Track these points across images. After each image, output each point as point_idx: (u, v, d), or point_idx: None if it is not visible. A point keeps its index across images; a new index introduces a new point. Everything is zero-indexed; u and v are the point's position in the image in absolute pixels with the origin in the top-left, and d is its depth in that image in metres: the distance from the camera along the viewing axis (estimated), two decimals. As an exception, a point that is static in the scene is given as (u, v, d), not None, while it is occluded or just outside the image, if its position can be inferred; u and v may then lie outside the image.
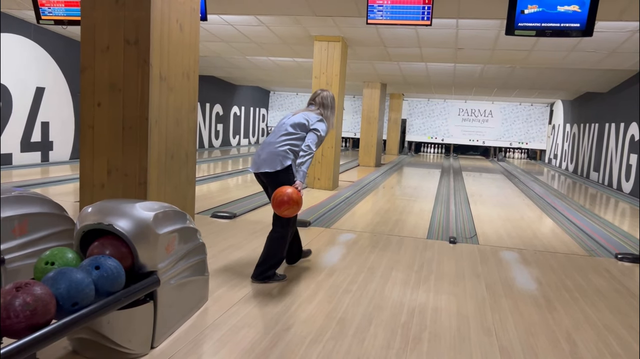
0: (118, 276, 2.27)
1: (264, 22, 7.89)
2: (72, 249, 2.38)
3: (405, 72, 12.23)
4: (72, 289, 2.02)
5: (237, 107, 19.42)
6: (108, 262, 2.26)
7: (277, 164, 3.59)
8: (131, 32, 3.21)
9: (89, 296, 2.09)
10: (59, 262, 2.28)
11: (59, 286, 2.00)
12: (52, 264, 2.25)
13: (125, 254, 2.45)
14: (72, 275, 2.06)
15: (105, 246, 2.43)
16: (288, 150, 3.62)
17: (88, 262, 2.24)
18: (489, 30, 7.30)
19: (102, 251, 2.40)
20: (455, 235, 5.58)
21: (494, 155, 20.90)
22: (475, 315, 3.28)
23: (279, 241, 3.69)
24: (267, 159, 3.64)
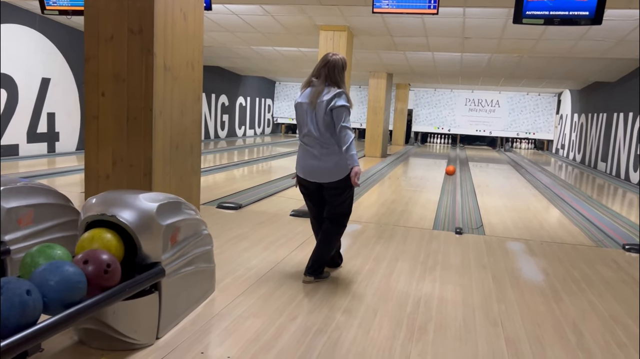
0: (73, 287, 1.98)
1: (269, 12, 7.84)
2: (59, 246, 2.30)
3: (412, 62, 12.14)
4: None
5: (243, 97, 19.38)
6: (70, 278, 1.97)
7: (343, 171, 3.34)
8: (135, 21, 3.19)
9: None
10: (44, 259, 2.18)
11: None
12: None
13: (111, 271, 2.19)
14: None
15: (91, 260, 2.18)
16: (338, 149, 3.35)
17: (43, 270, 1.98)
18: (496, 19, 7.22)
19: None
20: (462, 226, 5.55)
21: (501, 145, 20.78)
22: (481, 306, 3.27)
23: (339, 235, 3.60)
24: (330, 168, 3.36)
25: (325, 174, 3.38)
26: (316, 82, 3.39)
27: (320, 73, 3.37)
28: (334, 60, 3.36)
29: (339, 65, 3.36)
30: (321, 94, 3.33)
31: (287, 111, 22.54)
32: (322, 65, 3.37)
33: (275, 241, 4.56)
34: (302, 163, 3.51)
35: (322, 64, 3.38)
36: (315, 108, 3.34)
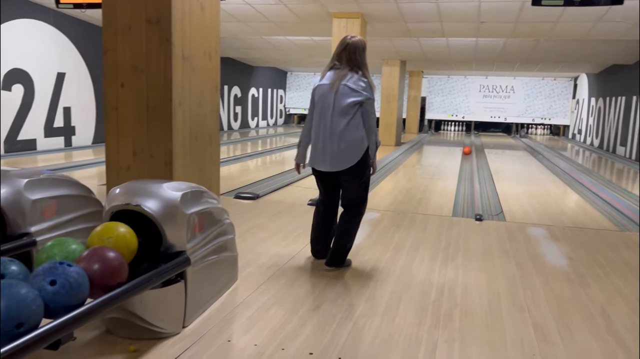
0: (79, 290, 1.86)
1: (281, 1, 7.79)
2: (75, 240, 2.28)
3: (426, 49, 12.02)
4: (12, 308, 1.60)
5: (255, 88, 19.37)
6: (67, 272, 1.84)
7: (358, 154, 3.27)
8: (152, 11, 3.17)
9: (35, 313, 1.69)
10: (60, 254, 2.15)
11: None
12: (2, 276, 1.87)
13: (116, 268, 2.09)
14: (16, 290, 1.66)
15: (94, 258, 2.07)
16: (364, 134, 3.28)
17: (43, 273, 1.83)
18: (512, 1, 7.09)
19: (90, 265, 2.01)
20: (481, 212, 5.50)
21: (516, 131, 20.56)
22: (506, 292, 3.23)
23: (357, 224, 3.53)
24: (343, 153, 3.26)
25: (339, 161, 3.30)
26: (339, 65, 3.29)
27: (341, 57, 3.27)
28: (354, 42, 3.25)
29: (360, 47, 3.26)
30: (344, 78, 3.24)
31: (299, 101, 22.48)
32: (342, 49, 3.26)
33: (294, 231, 4.55)
34: (315, 150, 3.40)
35: (341, 47, 3.28)
36: (337, 91, 3.24)
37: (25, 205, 2.69)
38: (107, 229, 2.27)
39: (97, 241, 2.22)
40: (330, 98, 3.26)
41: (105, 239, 2.21)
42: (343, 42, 3.28)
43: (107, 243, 2.21)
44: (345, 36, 3.35)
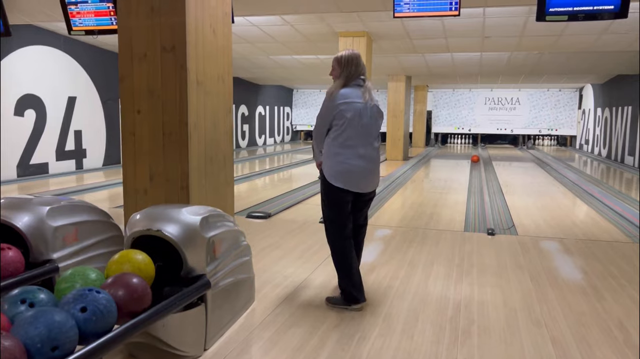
0: (108, 316, 1.90)
1: (288, 22, 7.91)
2: (94, 269, 2.29)
3: (431, 64, 12.11)
4: (52, 333, 1.66)
5: (262, 107, 19.53)
6: (96, 299, 1.88)
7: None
8: (167, 38, 3.25)
9: (72, 339, 1.73)
10: (81, 282, 2.17)
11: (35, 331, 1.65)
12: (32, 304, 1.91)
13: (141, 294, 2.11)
14: (51, 317, 1.71)
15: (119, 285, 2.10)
16: None
17: (73, 299, 1.86)
18: (516, 17, 7.17)
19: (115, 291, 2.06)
20: (493, 226, 5.51)
21: (523, 143, 20.55)
22: (523, 307, 3.24)
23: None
24: (377, 171, 3.29)
25: (376, 180, 3.26)
26: (363, 81, 3.17)
27: (364, 71, 3.17)
28: (359, 56, 3.18)
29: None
30: (373, 97, 3.21)
31: (305, 118, 22.63)
32: (359, 63, 3.14)
33: (308, 249, 4.59)
34: (357, 172, 3.11)
35: (358, 60, 3.14)
36: (371, 111, 3.16)
37: (48, 232, 2.74)
38: (124, 257, 2.31)
39: (115, 268, 2.27)
40: (366, 117, 3.13)
41: (123, 265, 2.26)
42: (358, 56, 3.16)
43: (124, 270, 2.25)
44: (352, 52, 3.16)
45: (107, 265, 2.31)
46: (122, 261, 2.31)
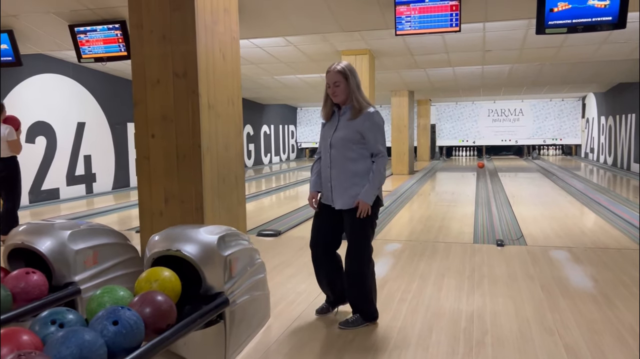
0: (137, 331, 1.97)
1: (292, 42, 8.06)
2: (122, 287, 2.37)
3: (433, 78, 12.24)
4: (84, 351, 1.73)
5: (267, 126, 19.70)
6: (127, 315, 1.96)
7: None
8: (179, 65, 3.37)
9: (102, 358, 1.80)
10: (109, 300, 2.25)
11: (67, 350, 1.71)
12: (61, 325, 1.98)
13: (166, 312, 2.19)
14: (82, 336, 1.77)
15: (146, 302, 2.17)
16: None
17: (106, 314, 1.95)
18: (516, 30, 7.29)
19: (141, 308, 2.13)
20: (502, 237, 5.55)
21: (528, 153, 20.60)
22: (535, 316, 3.28)
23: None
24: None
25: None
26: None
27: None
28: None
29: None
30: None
31: (310, 136, 22.80)
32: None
33: (319, 265, 4.63)
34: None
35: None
36: None
37: (69, 256, 2.83)
38: (153, 274, 2.39)
39: (144, 286, 2.34)
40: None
41: (151, 283, 2.34)
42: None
43: (153, 287, 2.33)
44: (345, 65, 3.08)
45: (136, 283, 2.39)
46: (150, 279, 2.39)
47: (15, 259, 2.90)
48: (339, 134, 3.06)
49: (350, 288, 3.17)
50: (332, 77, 3.02)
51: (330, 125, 3.16)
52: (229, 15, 3.77)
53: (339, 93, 3.03)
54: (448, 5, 5.48)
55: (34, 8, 6.30)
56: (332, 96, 3.06)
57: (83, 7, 6.21)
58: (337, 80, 3.00)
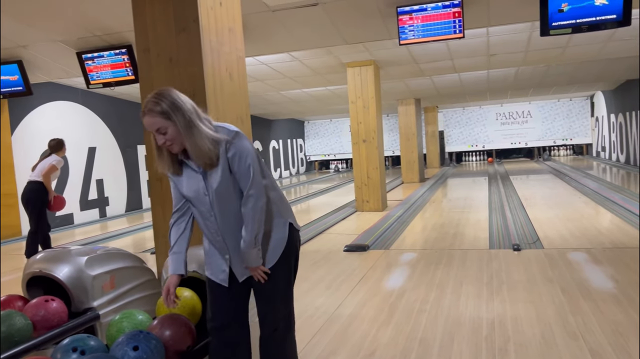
0: (158, 355, 1.96)
1: (296, 57, 8.11)
2: (141, 311, 2.39)
3: (439, 85, 12.24)
4: None
5: (275, 141, 19.78)
6: (147, 340, 1.95)
7: None
8: (187, 86, 3.39)
9: None
10: (129, 325, 2.26)
11: None
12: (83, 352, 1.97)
13: (185, 334, 2.20)
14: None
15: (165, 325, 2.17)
16: None
17: (126, 340, 1.94)
18: (520, 33, 7.28)
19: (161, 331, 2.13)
20: (518, 242, 5.50)
21: (539, 155, 20.46)
22: (557, 320, 3.24)
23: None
24: None
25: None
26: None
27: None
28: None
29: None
30: None
31: (318, 148, 22.86)
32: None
33: (335, 279, 4.62)
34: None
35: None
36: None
37: (87, 281, 2.84)
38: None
39: (165, 308, 2.35)
40: None
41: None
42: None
43: (175, 309, 2.33)
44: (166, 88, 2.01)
45: (157, 305, 2.40)
46: None
47: (34, 287, 2.92)
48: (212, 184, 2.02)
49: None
50: (149, 122, 1.93)
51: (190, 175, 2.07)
52: (234, 35, 3.80)
53: (172, 142, 1.95)
54: (450, 12, 5.50)
55: (42, 37, 6.40)
56: (167, 147, 1.99)
57: (90, 34, 6.31)
58: (159, 127, 1.92)
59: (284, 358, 2.23)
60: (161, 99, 1.92)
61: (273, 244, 2.12)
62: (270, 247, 2.11)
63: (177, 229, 2.20)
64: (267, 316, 2.15)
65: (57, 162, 6.10)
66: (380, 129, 9.04)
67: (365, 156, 8.86)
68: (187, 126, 1.91)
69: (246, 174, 1.98)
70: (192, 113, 1.94)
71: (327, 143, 22.80)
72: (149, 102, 1.93)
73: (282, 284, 2.15)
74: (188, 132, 1.92)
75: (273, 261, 2.11)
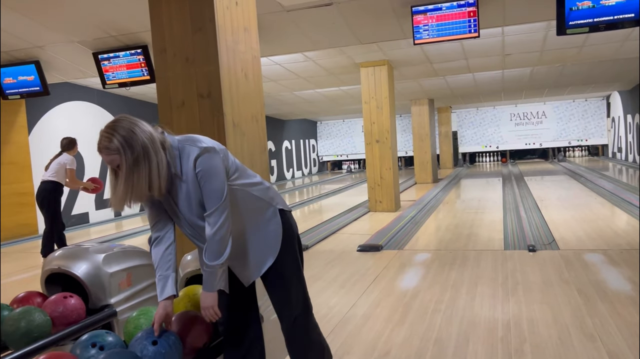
0: (176, 351, 1.96)
1: (310, 57, 8.12)
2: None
3: (452, 85, 12.18)
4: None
5: (288, 141, 19.82)
6: (165, 335, 1.96)
7: None
8: (203, 86, 3.42)
9: None
10: (146, 322, 2.25)
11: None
12: (102, 348, 2.00)
13: (202, 331, 2.18)
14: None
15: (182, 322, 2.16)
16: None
17: (145, 335, 1.95)
18: (536, 32, 7.22)
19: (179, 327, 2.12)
20: (533, 243, 5.45)
21: (553, 156, 20.27)
22: (574, 322, 3.21)
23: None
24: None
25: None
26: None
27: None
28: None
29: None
30: None
31: (331, 149, 22.87)
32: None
33: (349, 279, 4.62)
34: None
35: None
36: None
37: (105, 279, 2.87)
38: (188, 293, 2.42)
39: (180, 305, 2.37)
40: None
41: (187, 302, 2.36)
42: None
43: (188, 306, 2.35)
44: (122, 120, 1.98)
45: (174, 304, 2.41)
46: (186, 298, 2.42)
47: (52, 284, 2.96)
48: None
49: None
50: (107, 161, 1.91)
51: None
52: (249, 34, 3.82)
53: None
54: (466, 12, 5.47)
55: (59, 38, 6.48)
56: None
57: (106, 34, 6.37)
58: (113, 161, 1.88)
59: (311, 344, 2.22)
60: (115, 134, 1.86)
61: (271, 236, 2.10)
62: (270, 240, 2.10)
63: (156, 252, 2.02)
64: (284, 308, 2.14)
65: (71, 163, 6.17)
66: (393, 129, 9.02)
67: (379, 156, 8.85)
68: (130, 166, 1.84)
69: (209, 197, 1.91)
70: (147, 146, 1.86)
71: (339, 144, 22.79)
72: (102, 138, 1.88)
73: (291, 272, 2.14)
74: (130, 171, 1.84)
75: (276, 252, 2.10)
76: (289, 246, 2.14)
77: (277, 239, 2.11)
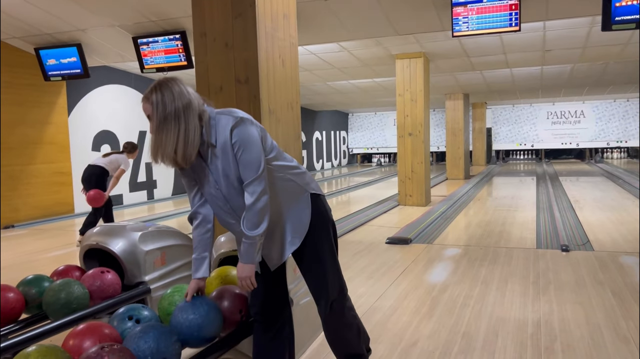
0: (216, 321, 2.06)
1: (345, 48, 8.10)
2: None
3: (489, 80, 11.98)
4: (160, 346, 1.81)
5: (319, 132, 19.84)
6: (207, 302, 2.06)
7: None
8: (241, 72, 3.45)
9: (177, 352, 1.89)
10: (180, 299, 2.29)
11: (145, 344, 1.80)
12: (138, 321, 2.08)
13: (241, 303, 2.27)
14: (159, 331, 1.86)
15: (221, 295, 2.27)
16: None
17: (186, 306, 2.03)
18: (579, 28, 7.03)
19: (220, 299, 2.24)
20: (567, 243, 5.35)
21: (590, 157, 19.75)
22: (607, 323, 3.14)
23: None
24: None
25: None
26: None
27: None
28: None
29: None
30: None
31: (361, 141, 22.79)
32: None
33: (377, 270, 4.62)
34: None
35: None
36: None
37: (140, 256, 2.95)
38: (221, 273, 2.47)
39: (214, 285, 2.42)
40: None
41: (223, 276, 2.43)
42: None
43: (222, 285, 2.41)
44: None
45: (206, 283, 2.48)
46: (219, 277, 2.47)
47: (90, 259, 3.05)
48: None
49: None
50: (143, 106, 1.93)
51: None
52: (288, 21, 3.83)
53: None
54: (507, 5, 5.36)
55: (101, 22, 6.62)
56: None
57: (146, 19, 6.48)
58: (148, 114, 1.91)
59: (348, 326, 2.25)
60: (157, 89, 1.89)
61: (302, 221, 2.09)
62: (299, 226, 2.09)
63: (197, 233, 2.07)
64: (321, 293, 2.15)
65: (126, 164, 6.31)
66: (427, 123, 8.93)
67: (411, 149, 8.78)
68: (160, 122, 1.85)
69: (246, 167, 1.90)
70: (179, 110, 1.85)
71: (370, 136, 22.69)
72: (149, 88, 1.92)
73: (327, 256, 2.15)
74: (159, 127, 1.85)
75: (311, 236, 2.10)
76: (324, 231, 2.15)
77: (306, 226, 2.10)
